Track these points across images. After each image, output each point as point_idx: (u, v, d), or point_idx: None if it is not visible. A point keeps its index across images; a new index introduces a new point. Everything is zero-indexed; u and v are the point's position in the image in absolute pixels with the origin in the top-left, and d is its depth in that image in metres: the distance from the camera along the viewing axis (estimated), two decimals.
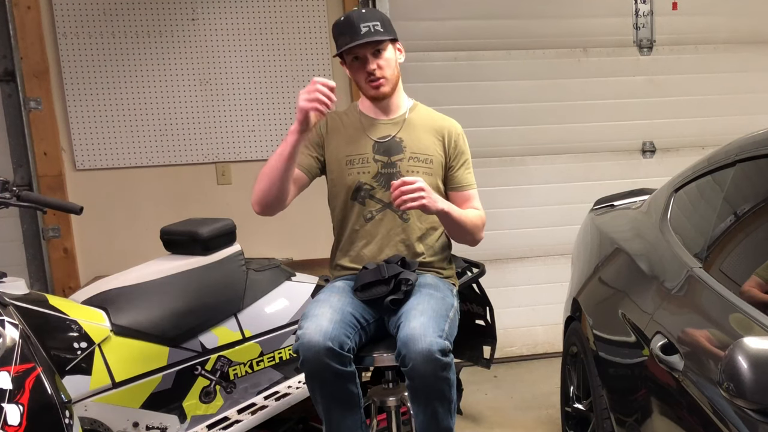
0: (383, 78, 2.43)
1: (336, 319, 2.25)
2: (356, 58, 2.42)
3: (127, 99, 3.83)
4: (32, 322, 2.22)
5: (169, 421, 2.56)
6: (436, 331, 2.20)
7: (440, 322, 2.26)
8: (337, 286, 2.48)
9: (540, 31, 4.18)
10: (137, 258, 2.86)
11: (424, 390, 2.23)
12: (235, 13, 3.89)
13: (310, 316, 2.27)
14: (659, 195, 2.64)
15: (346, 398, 2.29)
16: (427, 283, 2.44)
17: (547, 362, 4.19)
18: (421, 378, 2.19)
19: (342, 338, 2.22)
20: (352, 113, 2.57)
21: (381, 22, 2.40)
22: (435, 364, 2.17)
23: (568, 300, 3.02)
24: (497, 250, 4.22)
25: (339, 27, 2.42)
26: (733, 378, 1.40)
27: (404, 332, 2.20)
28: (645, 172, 4.30)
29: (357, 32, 2.36)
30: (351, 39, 2.36)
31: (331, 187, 2.56)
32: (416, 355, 2.16)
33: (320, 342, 2.18)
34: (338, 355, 2.20)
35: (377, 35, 2.37)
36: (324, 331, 2.20)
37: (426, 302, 2.31)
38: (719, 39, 4.33)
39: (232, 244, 2.78)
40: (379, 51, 2.41)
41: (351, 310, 2.34)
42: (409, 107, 2.57)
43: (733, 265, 1.96)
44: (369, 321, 2.40)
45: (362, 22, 2.37)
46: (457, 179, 2.55)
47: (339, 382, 2.25)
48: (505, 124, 4.21)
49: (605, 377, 2.45)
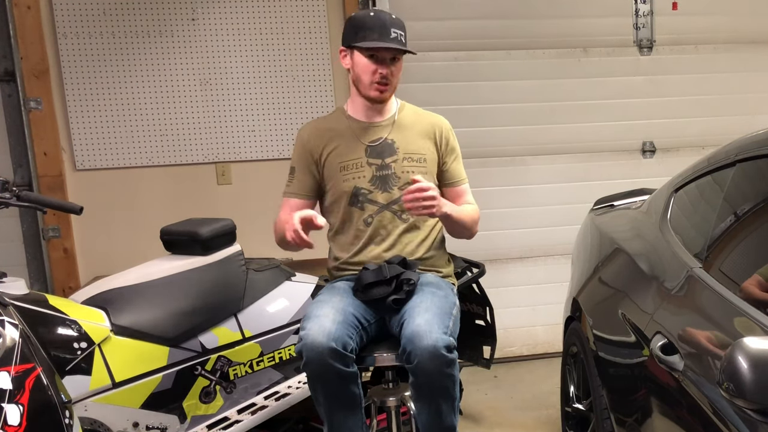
0: (390, 85, 2.47)
1: (339, 320, 2.25)
2: (373, 56, 2.43)
3: (127, 99, 3.83)
4: (32, 322, 2.22)
5: (169, 421, 2.56)
6: (441, 328, 2.21)
7: (444, 319, 2.26)
8: (338, 286, 2.48)
9: (540, 31, 4.18)
10: (137, 258, 2.86)
11: (428, 387, 2.23)
12: (235, 13, 3.89)
13: (313, 317, 2.27)
14: (659, 195, 2.64)
15: (348, 399, 2.29)
16: (429, 281, 2.44)
17: (547, 362, 4.19)
18: (426, 374, 2.19)
19: (345, 339, 2.22)
20: (340, 119, 2.57)
21: (405, 33, 2.46)
22: (440, 360, 2.17)
23: (568, 300, 3.02)
24: (497, 250, 4.22)
25: (368, 20, 2.43)
26: (733, 378, 1.40)
27: (409, 329, 2.21)
28: (645, 172, 4.29)
29: (388, 34, 2.40)
30: (380, 37, 2.39)
31: (329, 194, 2.56)
32: (422, 351, 2.16)
33: (324, 343, 2.18)
34: (341, 356, 2.20)
35: (402, 46, 2.43)
36: (327, 332, 2.20)
37: (429, 300, 2.32)
38: (719, 39, 4.32)
39: (232, 244, 2.78)
40: (396, 59, 2.46)
41: (352, 311, 2.34)
42: (397, 108, 2.58)
43: (733, 265, 1.96)
44: (370, 321, 2.40)
45: (394, 27, 2.42)
46: (450, 175, 2.58)
47: (341, 382, 2.25)
48: (505, 124, 4.21)
49: (605, 377, 2.45)
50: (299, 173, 2.55)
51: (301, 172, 2.55)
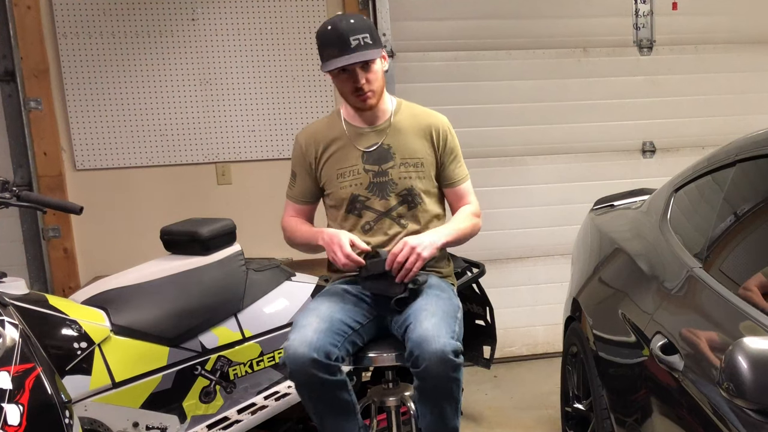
0: (371, 91, 2.40)
1: (322, 329, 2.24)
2: (344, 70, 2.36)
3: (127, 99, 3.83)
4: (32, 322, 2.21)
5: (169, 421, 2.56)
6: (449, 333, 2.20)
7: (450, 323, 2.26)
8: (331, 290, 2.47)
9: (540, 31, 4.18)
10: (137, 258, 2.86)
11: (434, 391, 2.23)
12: (235, 13, 3.89)
13: (297, 327, 2.27)
14: (659, 195, 2.64)
15: (339, 406, 2.29)
16: (432, 284, 2.43)
17: (547, 362, 4.19)
18: (433, 379, 2.19)
19: (328, 348, 2.21)
20: (336, 123, 2.53)
21: (369, 33, 2.34)
22: (448, 365, 2.17)
23: (568, 300, 3.02)
24: (497, 250, 4.22)
25: (326, 37, 2.34)
26: (733, 378, 1.40)
27: (417, 333, 2.19)
28: (645, 172, 4.29)
29: (347, 46, 2.29)
30: (340, 53, 2.30)
31: (328, 199, 2.55)
32: (430, 355, 2.15)
33: (305, 353, 2.18)
34: (325, 366, 2.20)
35: (368, 49, 2.32)
36: (309, 342, 2.19)
37: (434, 303, 2.31)
38: (719, 39, 4.32)
39: (232, 244, 2.77)
40: (369, 65, 2.36)
41: (341, 317, 2.32)
42: (393, 110, 2.53)
43: (733, 265, 1.96)
44: (363, 323, 2.38)
45: (352, 34, 2.30)
46: (450, 175, 2.55)
47: (329, 391, 2.25)
48: (505, 124, 4.21)
49: (605, 377, 2.45)
50: (299, 178, 2.56)
51: (300, 177, 2.56)
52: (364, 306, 2.42)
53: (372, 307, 2.42)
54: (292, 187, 2.60)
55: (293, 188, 2.60)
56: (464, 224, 2.51)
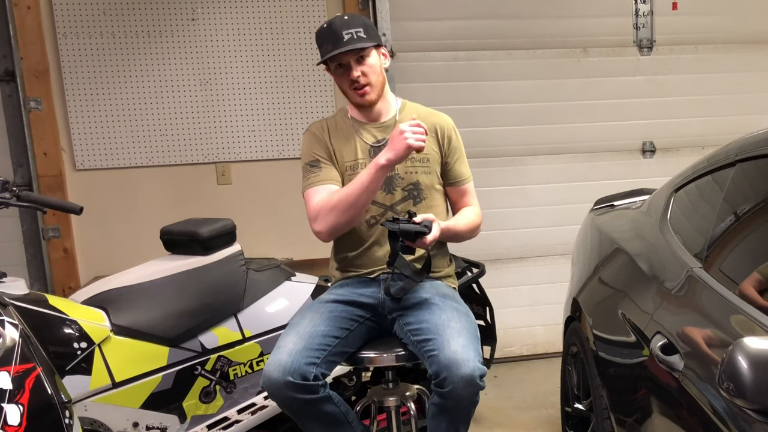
0: (368, 85, 2.40)
1: (297, 350, 2.22)
2: (340, 65, 2.39)
3: (127, 99, 3.84)
4: (32, 322, 2.22)
5: (169, 421, 2.56)
6: (476, 356, 2.20)
7: (476, 344, 2.26)
8: (319, 300, 2.46)
9: (540, 31, 4.19)
10: (137, 258, 2.86)
11: (454, 411, 2.22)
12: (235, 13, 3.89)
13: (275, 349, 2.27)
14: (659, 195, 2.64)
15: (327, 419, 2.29)
16: (444, 294, 2.42)
17: (547, 362, 4.19)
18: (456, 400, 2.18)
19: (303, 369, 2.19)
20: (344, 119, 2.54)
21: (364, 28, 2.37)
22: (474, 390, 2.17)
23: (568, 300, 3.02)
24: (497, 250, 4.22)
25: (321, 35, 2.40)
26: (733, 378, 1.40)
27: (445, 355, 2.17)
28: (645, 172, 4.30)
29: (339, 39, 2.33)
30: (333, 47, 2.34)
31: None
32: (459, 379, 2.14)
33: (279, 378, 2.17)
34: (302, 386, 2.19)
35: (360, 42, 2.35)
36: (283, 367, 2.18)
37: (457, 319, 2.29)
38: (719, 39, 4.33)
39: (232, 244, 2.78)
40: (363, 57, 2.38)
41: (324, 329, 2.30)
42: (398, 108, 2.55)
43: (733, 265, 1.96)
44: (351, 329, 2.36)
45: (344, 29, 2.34)
46: (454, 174, 2.56)
47: (312, 407, 2.24)
48: (505, 124, 4.21)
49: (605, 377, 2.45)
50: (324, 163, 2.46)
51: (324, 163, 2.46)
52: (356, 310, 2.40)
53: (367, 309, 2.42)
54: (317, 173, 2.45)
55: (318, 174, 2.45)
56: (460, 225, 2.50)
